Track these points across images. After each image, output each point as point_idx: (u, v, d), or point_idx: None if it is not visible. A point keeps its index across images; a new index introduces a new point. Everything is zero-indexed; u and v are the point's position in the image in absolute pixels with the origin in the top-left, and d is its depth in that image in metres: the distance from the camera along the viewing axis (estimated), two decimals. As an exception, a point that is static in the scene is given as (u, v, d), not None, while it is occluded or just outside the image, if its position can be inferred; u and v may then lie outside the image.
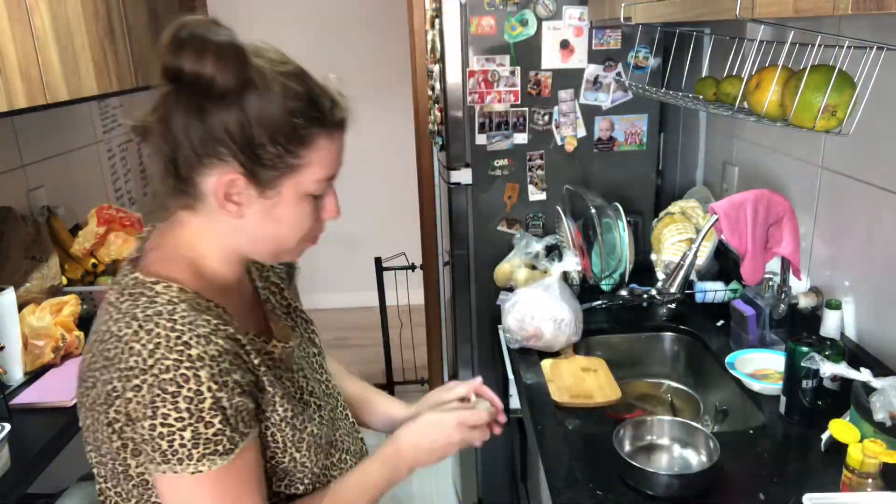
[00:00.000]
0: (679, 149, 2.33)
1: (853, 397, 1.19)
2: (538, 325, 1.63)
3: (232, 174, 0.81)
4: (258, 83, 0.80)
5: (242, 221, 0.85)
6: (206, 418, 0.77)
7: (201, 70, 0.77)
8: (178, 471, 0.78)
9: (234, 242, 0.89)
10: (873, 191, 1.36)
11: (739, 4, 1.04)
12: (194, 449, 0.77)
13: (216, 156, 0.80)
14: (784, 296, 1.56)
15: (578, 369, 1.60)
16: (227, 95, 0.78)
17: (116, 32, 1.89)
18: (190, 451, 0.77)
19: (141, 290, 0.82)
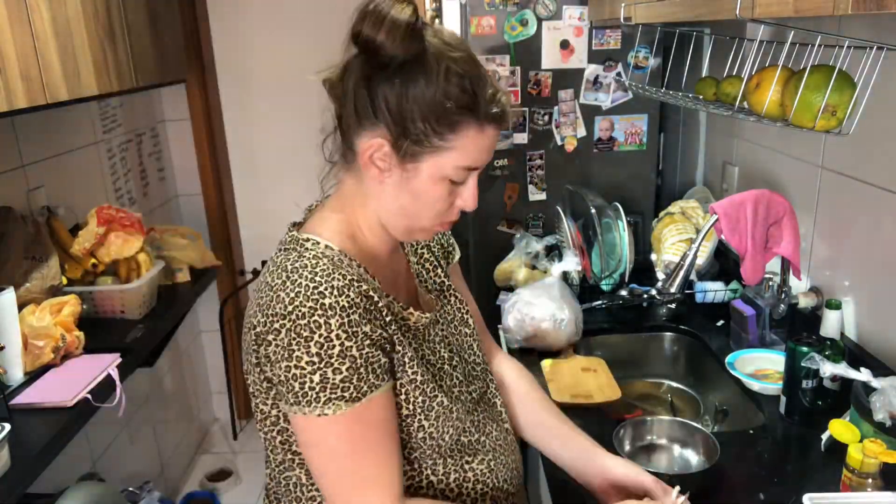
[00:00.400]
0: (679, 149, 2.33)
1: (853, 397, 1.19)
2: (538, 325, 1.63)
3: (379, 138, 0.86)
4: (425, 61, 0.84)
5: (382, 188, 0.90)
6: (335, 364, 0.82)
7: (375, 37, 0.82)
8: (306, 412, 0.83)
9: (375, 209, 0.93)
10: (873, 191, 1.36)
11: (739, 4, 1.04)
12: (321, 392, 0.82)
13: (371, 118, 0.86)
14: (784, 296, 1.56)
15: (578, 369, 1.59)
16: (393, 66, 0.83)
17: (116, 32, 1.89)
18: (318, 394, 0.82)
19: (293, 246, 0.90)
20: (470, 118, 0.86)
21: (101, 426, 2.25)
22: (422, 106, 0.84)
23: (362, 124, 0.87)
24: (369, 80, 0.85)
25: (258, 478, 2.96)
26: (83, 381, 1.51)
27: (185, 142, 2.97)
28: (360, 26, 0.83)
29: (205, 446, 3.19)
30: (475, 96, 0.85)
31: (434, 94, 0.84)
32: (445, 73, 0.84)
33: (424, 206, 0.90)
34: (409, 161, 0.87)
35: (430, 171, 0.87)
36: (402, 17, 0.82)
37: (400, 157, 0.87)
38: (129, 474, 2.43)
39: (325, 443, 0.85)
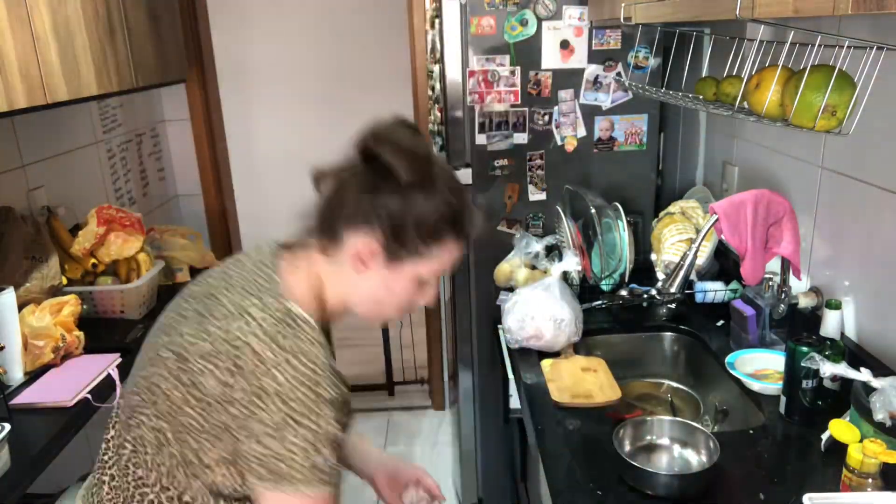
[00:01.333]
0: (679, 149, 2.33)
1: (853, 397, 1.19)
2: (538, 325, 1.63)
3: (373, 242, 0.97)
4: (425, 185, 0.96)
5: (361, 279, 1.01)
6: (322, 450, 0.90)
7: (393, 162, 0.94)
8: (286, 490, 0.90)
9: (347, 292, 1.04)
10: (873, 191, 1.36)
11: (739, 4, 1.04)
12: (308, 474, 0.90)
13: (369, 224, 0.97)
14: (784, 296, 1.56)
15: (578, 369, 1.59)
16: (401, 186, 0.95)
17: (116, 32, 1.89)
18: (304, 475, 0.89)
19: (288, 321, 0.95)
20: (452, 235, 1.00)
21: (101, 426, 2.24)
22: (418, 220, 0.96)
23: (358, 226, 0.97)
24: (377, 190, 0.96)
25: (258, 478, 2.96)
26: (83, 381, 1.52)
27: (185, 142, 2.97)
28: (376, 148, 0.95)
29: (205, 446, 3.19)
30: (461, 219, 1.00)
31: (430, 213, 0.96)
32: (443, 195, 0.97)
33: (396, 299, 1.03)
34: (394, 263, 0.99)
35: (410, 272, 1.00)
36: (420, 151, 0.96)
37: (387, 258, 0.99)
38: (129, 474, 2.42)
39: None
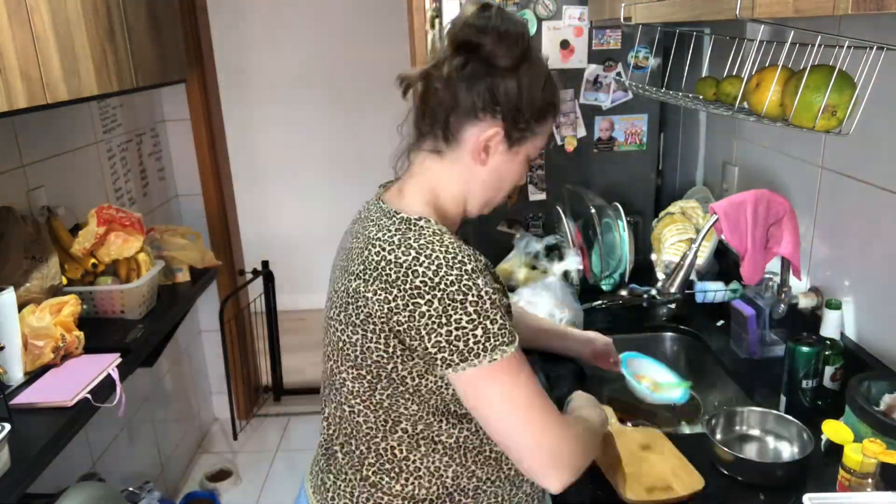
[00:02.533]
0: (679, 149, 2.33)
1: (848, 398, 1.19)
2: (538, 325, 1.63)
3: (496, 128, 1.02)
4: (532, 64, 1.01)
5: (483, 169, 1.05)
6: (491, 316, 0.93)
7: (497, 49, 0.98)
8: (476, 364, 0.93)
9: (466, 185, 1.07)
10: (873, 191, 1.36)
11: (739, 4, 1.04)
12: (487, 342, 0.92)
13: (491, 112, 1.01)
14: (784, 296, 1.56)
15: (638, 448, 1.28)
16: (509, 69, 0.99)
17: (116, 32, 1.89)
18: (484, 344, 0.92)
19: (407, 226, 0.99)
20: (553, 114, 1.07)
21: (101, 426, 2.25)
22: (531, 102, 1.02)
23: (478, 117, 1.01)
24: (489, 79, 0.99)
25: (258, 478, 2.96)
26: (83, 381, 1.52)
27: (185, 142, 2.97)
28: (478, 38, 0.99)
29: (205, 446, 3.20)
30: (556, 96, 1.07)
31: (539, 91, 1.02)
32: (543, 74, 1.04)
33: (510, 181, 1.10)
34: (514, 145, 1.05)
35: (523, 154, 1.07)
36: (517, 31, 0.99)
37: (508, 144, 1.04)
38: (129, 474, 2.43)
39: (504, 385, 0.95)
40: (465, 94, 1.00)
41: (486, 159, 1.04)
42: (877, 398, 1.19)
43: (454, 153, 1.05)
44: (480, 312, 0.92)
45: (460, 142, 1.03)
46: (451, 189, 1.07)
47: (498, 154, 1.04)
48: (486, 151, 1.03)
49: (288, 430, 3.30)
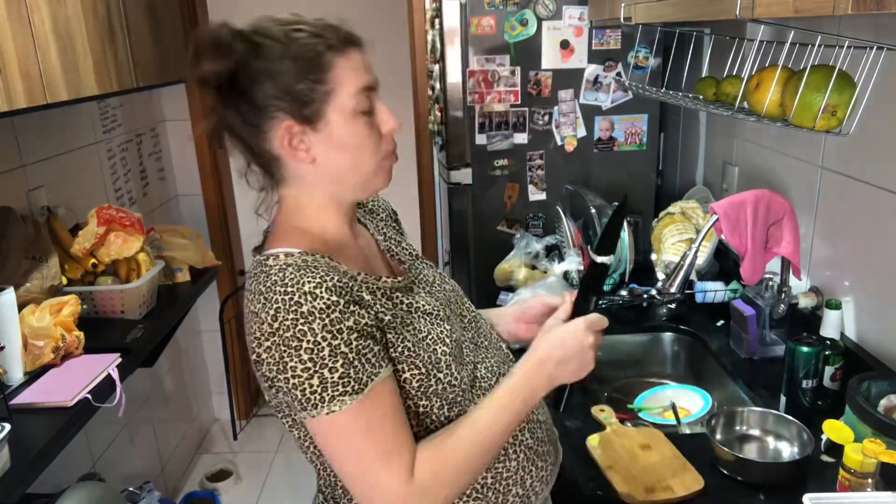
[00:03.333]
0: (679, 149, 2.33)
1: (848, 397, 1.19)
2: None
3: (285, 122, 0.91)
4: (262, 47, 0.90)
5: (318, 165, 0.95)
6: (329, 364, 0.85)
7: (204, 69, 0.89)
8: (314, 415, 0.87)
9: (326, 192, 0.98)
10: (873, 191, 1.36)
11: (739, 4, 1.04)
12: (324, 393, 0.86)
13: (269, 117, 0.91)
14: (784, 296, 1.56)
15: (637, 447, 1.28)
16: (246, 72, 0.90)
17: (116, 32, 1.89)
18: (321, 395, 0.86)
19: (259, 269, 0.93)
20: (329, 53, 0.92)
21: (101, 426, 2.25)
22: (291, 73, 0.90)
23: (264, 129, 0.92)
24: (241, 94, 0.91)
25: (258, 478, 2.96)
26: (83, 381, 1.51)
27: (185, 142, 2.97)
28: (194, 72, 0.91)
29: (205, 446, 3.20)
30: (322, 37, 0.92)
31: (292, 58, 0.90)
32: (286, 39, 0.91)
33: (358, 149, 0.95)
34: (317, 122, 0.92)
35: (336, 115, 0.92)
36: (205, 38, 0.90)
37: (309, 125, 0.92)
38: (129, 474, 2.43)
39: (341, 437, 0.88)
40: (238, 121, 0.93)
41: (307, 155, 0.94)
42: (877, 398, 1.19)
43: (288, 171, 0.96)
44: (316, 360, 0.85)
45: (278, 157, 0.95)
46: (313, 203, 0.99)
47: (313, 140, 0.93)
48: (299, 149, 0.93)
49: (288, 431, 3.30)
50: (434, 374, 0.96)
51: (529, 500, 1.06)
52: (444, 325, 1.01)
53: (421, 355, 0.95)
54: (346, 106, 0.93)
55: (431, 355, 0.96)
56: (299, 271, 0.88)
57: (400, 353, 0.94)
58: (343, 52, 0.93)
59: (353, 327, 0.87)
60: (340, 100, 0.92)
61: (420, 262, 1.14)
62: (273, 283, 0.88)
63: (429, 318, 1.00)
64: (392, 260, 1.11)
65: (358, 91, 0.93)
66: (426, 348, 0.96)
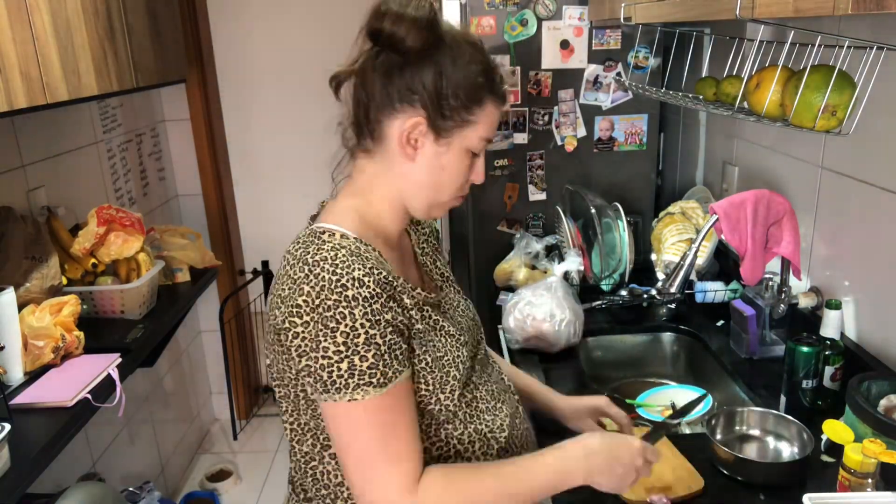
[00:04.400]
0: (679, 149, 2.33)
1: (848, 397, 1.19)
2: (539, 325, 1.63)
3: (417, 118, 0.94)
4: (449, 46, 0.94)
5: (413, 166, 0.98)
6: (361, 352, 0.86)
7: (397, 32, 0.91)
8: (336, 399, 0.87)
9: (400, 188, 1.00)
10: (873, 191, 1.36)
11: (739, 4, 1.04)
12: (350, 379, 0.86)
13: (409, 102, 0.94)
14: (784, 296, 1.56)
15: None
16: (421, 54, 0.93)
17: (116, 32, 1.89)
18: (347, 381, 0.86)
19: (311, 239, 0.94)
20: (490, 94, 0.97)
21: (101, 426, 2.25)
22: (454, 85, 0.94)
23: (396, 108, 0.95)
24: (403, 67, 0.93)
25: (258, 478, 2.96)
26: (83, 381, 1.51)
27: (185, 142, 2.97)
28: (379, 24, 0.92)
29: (205, 446, 3.20)
30: (492, 76, 0.98)
31: (463, 73, 0.94)
32: (468, 54, 0.95)
33: (450, 178, 1.00)
34: (442, 136, 0.96)
35: (458, 144, 0.97)
36: (420, 14, 0.91)
37: (434, 133, 0.96)
38: (129, 474, 2.43)
39: (354, 426, 0.89)
40: (380, 86, 0.95)
41: (412, 154, 0.96)
42: (877, 398, 1.19)
43: (382, 151, 0.98)
44: (349, 346, 0.86)
45: (385, 137, 0.97)
46: (383, 190, 1.01)
47: (427, 147, 0.96)
48: (411, 144, 0.96)
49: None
50: (437, 394, 0.97)
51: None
52: (461, 350, 1.02)
53: (435, 373, 0.96)
54: (469, 141, 0.98)
55: (444, 376, 0.97)
56: (352, 256, 0.90)
57: (416, 365, 0.95)
58: (495, 101, 0.99)
59: (390, 321, 0.89)
60: (469, 134, 0.97)
61: (450, 284, 1.16)
62: (322, 258, 0.89)
63: (451, 339, 1.01)
64: (425, 275, 1.13)
65: (484, 138, 0.99)
66: (441, 368, 0.97)
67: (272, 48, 4.08)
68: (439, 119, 0.95)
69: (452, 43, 0.95)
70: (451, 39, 0.95)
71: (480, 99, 0.96)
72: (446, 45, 0.94)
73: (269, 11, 4.04)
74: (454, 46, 0.95)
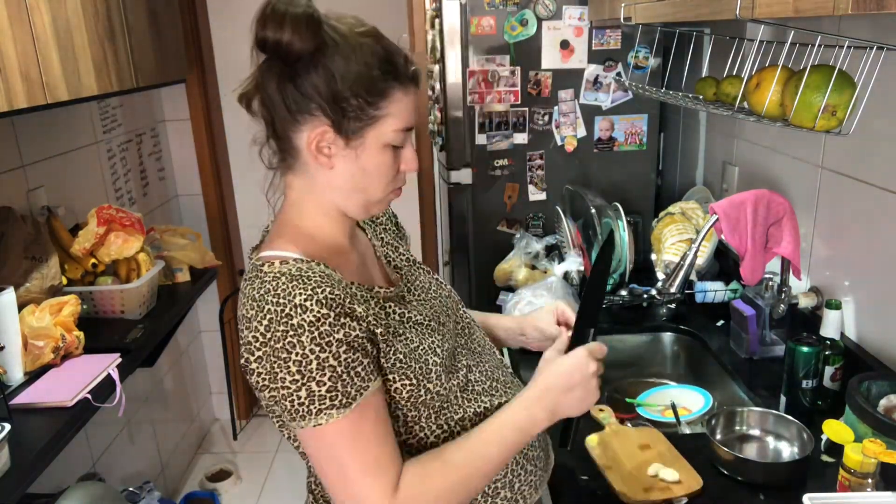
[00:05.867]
0: (679, 149, 2.33)
1: (848, 397, 1.19)
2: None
3: (322, 126, 0.91)
4: (337, 45, 0.90)
5: (333, 173, 0.94)
6: (317, 377, 0.85)
7: (281, 38, 0.87)
8: (302, 426, 0.87)
9: (330, 198, 0.97)
10: (873, 191, 1.36)
11: (739, 4, 1.04)
12: (311, 405, 0.86)
13: (308, 112, 0.91)
14: (784, 296, 1.56)
15: (636, 448, 1.27)
16: (309, 58, 0.88)
17: (116, 32, 1.89)
18: (308, 407, 0.86)
19: (255, 274, 0.92)
20: (395, 82, 0.92)
21: (101, 426, 2.25)
22: (350, 83, 0.89)
23: (298, 120, 0.91)
24: (293, 77, 0.89)
25: (258, 478, 2.96)
26: (83, 381, 1.52)
27: (185, 142, 2.97)
28: (263, 32, 0.88)
29: (205, 446, 3.20)
30: (393, 63, 0.92)
31: (358, 69, 0.90)
32: (360, 48, 0.90)
33: (375, 177, 0.96)
34: (353, 139, 0.92)
35: (373, 142, 0.93)
36: (298, 11, 0.87)
37: (344, 138, 0.92)
38: (129, 474, 2.43)
39: (327, 448, 0.88)
40: (278, 100, 0.91)
41: (327, 162, 0.93)
42: (877, 398, 1.19)
43: (301, 164, 0.95)
44: (304, 373, 0.85)
45: (298, 150, 0.94)
46: (314, 202, 0.98)
47: (340, 153, 0.93)
48: (324, 153, 0.92)
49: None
50: (424, 384, 0.95)
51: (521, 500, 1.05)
52: (435, 336, 1.00)
53: (412, 366, 0.94)
54: (384, 136, 0.93)
55: (423, 366, 0.95)
56: (292, 282, 0.88)
57: (392, 363, 0.93)
58: (404, 87, 0.94)
59: (342, 340, 0.87)
60: (383, 129, 0.93)
61: (416, 267, 1.14)
62: (266, 291, 0.88)
63: (420, 328, 0.99)
64: (388, 267, 1.11)
65: (400, 129, 0.94)
66: (417, 359, 0.95)
67: (272, 48, 4.09)
68: (344, 122, 0.91)
69: (341, 40, 0.90)
70: (340, 35, 0.90)
71: (383, 91, 0.92)
72: (334, 43, 0.90)
73: (269, 11, 4.05)
74: (343, 42, 0.90)
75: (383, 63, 0.91)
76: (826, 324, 1.44)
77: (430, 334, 1.00)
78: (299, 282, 0.88)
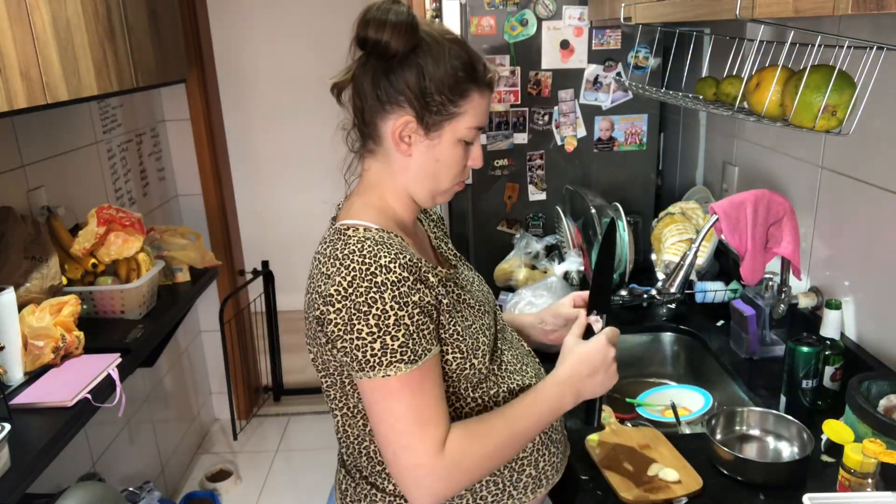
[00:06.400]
0: (679, 149, 2.33)
1: (848, 397, 1.19)
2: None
3: (406, 117, 1.02)
4: (430, 47, 1.01)
5: (410, 161, 1.06)
6: (392, 332, 0.94)
7: (381, 38, 0.99)
8: (371, 376, 0.95)
9: (403, 182, 1.08)
10: (873, 191, 1.36)
11: (739, 4, 1.04)
12: (383, 357, 0.94)
13: (396, 103, 1.02)
14: (784, 296, 1.56)
15: (636, 448, 1.28)
16: (404, 56, 1.00)
17: (116, 32, 1.89)
18: (380, 359, 0.94)
19: (337, 237, 1.02)
20: (474, 85, 1.04)
21: (101, 426, 2.25)
22: (437, 82, 1.01)
23: (387, 110, 1.03)
24: (387, 71, 1.01)
25: (258, 478, 2.96)
26: (83, 381, 1.52)
27: (185, 142, 2.97)
28: (364, 32, 1.00)
29: (205, 446, 3.19)
30: (474, 67, 1.04)
31: (445, 69, 1.01)
32: (448, 52, 1.02)
33: (446, 167, 1.07)
34: (432, 131, 1.03)
35: (449, 136, 1.04)
36: (400, 19, 0.99)
37: (424, 129, 1.03)
38: (129, 474, 2.43)
39: (388, 399, 0.96)
40: (371, 91, 1.03)
41: (407, 150, 1.05)
42: (877, 398, 1.19)
43: (382, 150, 1.07)
44: (381, 327, 0.93)
45: (382, 137, 1.05)
46: (389, 184, 1.09)
47: (419, 142, 1.04)
48: (405, 141, 1.04)
49: (288, 430, 3.31)
50: (471, 359, 1.05)
51: (540, 483, 1.13)
52: (485, 318, 1.12)
53: (466, 341, 1.04)
54: (459, 132, 1.05)
55: (474, 342, 1.06)
56: (377, 245, 0.98)
57: (449, 335, 1.03)
58: (481, 90, 1.06)
59: (417, 303, 0.96)
60: (459, 126, 1.04)
61: (462, 262, 1.25)
62: (351, 251, 0.97)
63: (473, 310, 1.10)
64: (441, 257, 1.21)
65: (474, 127, 1.06)
66: (472, 335, 1.06)
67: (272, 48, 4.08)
68: (427, 115, 1.02)
69: (433, 43, 1.02)
70: (432, 40, 1.02)
71: (464, 91, 1.03)
72: (427, 46, 1.01)
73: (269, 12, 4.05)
74: (434, 46, 1.02)
75: (466, 66, 1.03)
76: (826, 324, 1.44)
77: (481, 317, 1.11)
78: (383, 246, 0.98)
